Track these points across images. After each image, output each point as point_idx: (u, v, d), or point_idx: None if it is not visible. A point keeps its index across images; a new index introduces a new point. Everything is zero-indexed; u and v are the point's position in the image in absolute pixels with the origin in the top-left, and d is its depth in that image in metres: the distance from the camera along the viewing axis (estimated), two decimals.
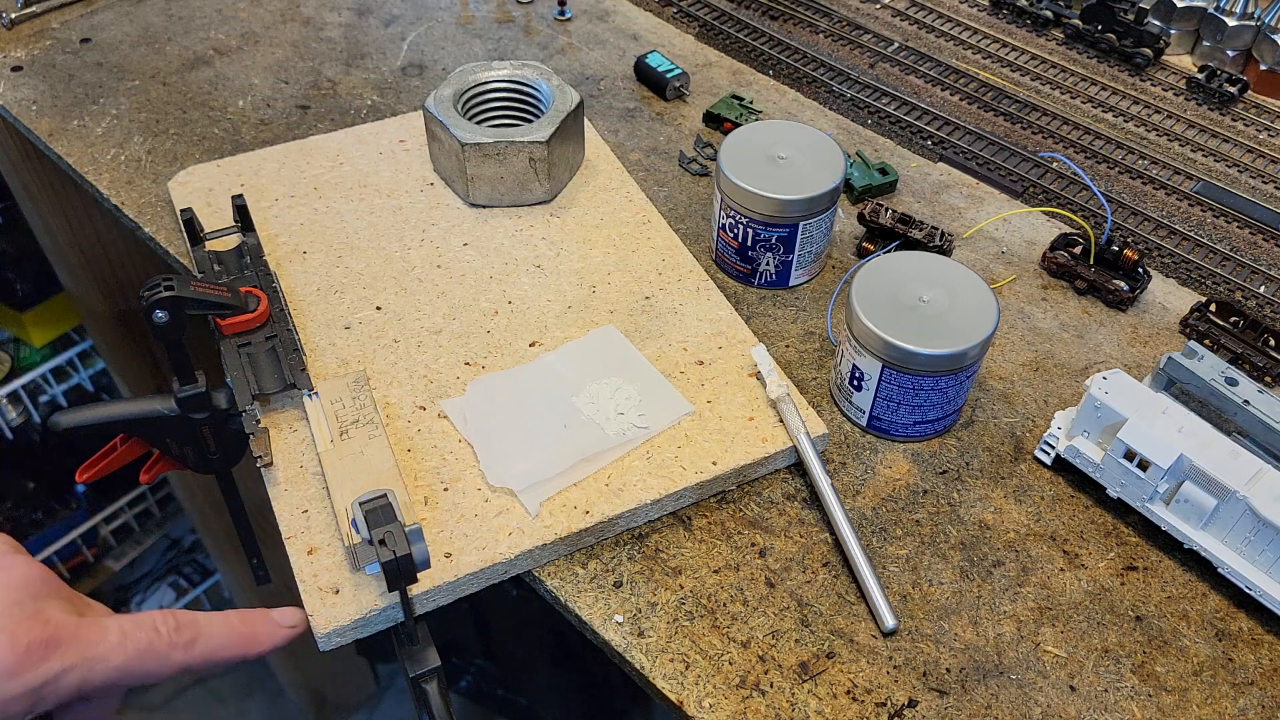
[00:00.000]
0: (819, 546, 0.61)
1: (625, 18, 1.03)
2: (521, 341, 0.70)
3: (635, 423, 0.64)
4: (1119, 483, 0.61)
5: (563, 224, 0.78)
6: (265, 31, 0.99)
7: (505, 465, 0.61)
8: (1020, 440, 0.68)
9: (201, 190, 0.79)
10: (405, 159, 0.83)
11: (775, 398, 0.64)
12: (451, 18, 1.02)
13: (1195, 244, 0.82)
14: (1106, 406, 0.61)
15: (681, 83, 0.93)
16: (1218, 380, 0.62)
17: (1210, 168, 0.89)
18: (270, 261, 0.73)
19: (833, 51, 1.01)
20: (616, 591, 0.58)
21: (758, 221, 0.72)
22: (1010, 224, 0.83)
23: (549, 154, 0.76)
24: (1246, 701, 0.56)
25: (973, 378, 0.65)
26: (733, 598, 0.58)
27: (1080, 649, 0.57)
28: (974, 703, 0.55)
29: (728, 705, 0.54)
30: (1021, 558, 0.61)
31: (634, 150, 0.88)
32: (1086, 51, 1.02)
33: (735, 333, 0.70)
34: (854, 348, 0.64)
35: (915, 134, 0.91)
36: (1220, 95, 0.95)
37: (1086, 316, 0.76)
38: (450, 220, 0.78)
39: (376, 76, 0.95)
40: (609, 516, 0.60)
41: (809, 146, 0.74)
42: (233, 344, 0.65)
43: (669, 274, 0.74)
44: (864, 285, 0.65)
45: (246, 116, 0.90)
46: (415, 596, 0.55)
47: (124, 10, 1.01)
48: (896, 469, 0.66)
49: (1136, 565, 0.61)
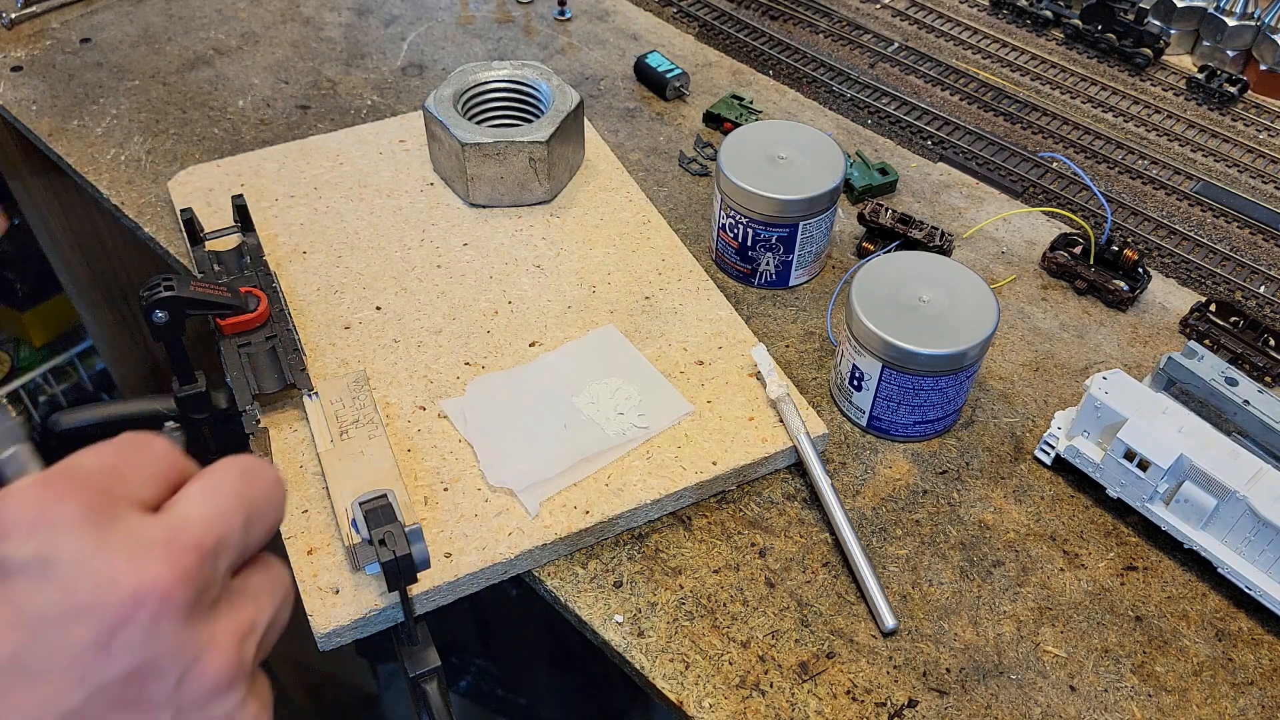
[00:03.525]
0: (819, 546, 0.61)
1: (625, 18, 1.03)
2: (521, 341, 0.70)
3: (635, 423, 0.64)
4: (1119, 483, 0.61)
5: (563, 224, 0.78)
6: (265, 31, 0.99)
7: (505, 465, 0.61)
8: (1020, 440, 0.68)
9: (201, 190, 0.79)
10: (405, 159, 0.83)
11: (775, 398, 0.64)
12: (451, 18, 1.02)
13: (1195, 244, 0.82)
14: (1106, 406, 0.61)
15: (681, 83, 0.93)
16: (1218, 380, 0.62)
17: (1210, 168, 0.89)
18: (270, 261, 0.73)
19: (833, 51, 1.01)
20: (616, 591, 0.58)
21: (758, 221, 0.72)
22: (1010, 224, 0.83)
23: (549, 154, 0.76)
24: (1246, 701, 0.56)
25: (973, 378, 0.65)
26: (733, 598, 0.58)
27: (1080, 649, 0.57)
28: (974, 703, 0.55)
29: (728, 705, 0.54)
30: (1021, 558, 0.61)
31: (634, 150, 0.88)
32: (1086, 51, 1.02)
33: (735, 333, 0.70)
34: (854, 348, 0.64)
35: (915, 134, 0.91)
36: (1220, 95, 0.95)
37: (1086, 316, 0.76)
38: (450, 220, 0.78)
39: (376, 76, 0.95)
40: (609, 516, 0.60)
41: (809, 146, 0.74)
42: (233, 344, 0.65)
43: (669, 274, 0.74)
44: (864, 285, 0.65)
45: (246, 116, 0.90)
46: (415, 596, 0.55)
47: (124, 10, 1.01)
48: (896, 469, 0.66)
49: (1136, 565, 0.61)
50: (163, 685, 0.29)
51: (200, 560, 0.30)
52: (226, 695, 0.30)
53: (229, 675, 0.30)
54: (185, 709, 0.30)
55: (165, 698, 0.29)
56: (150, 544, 0.29)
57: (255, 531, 0.33)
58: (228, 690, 0.30)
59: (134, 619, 0.28)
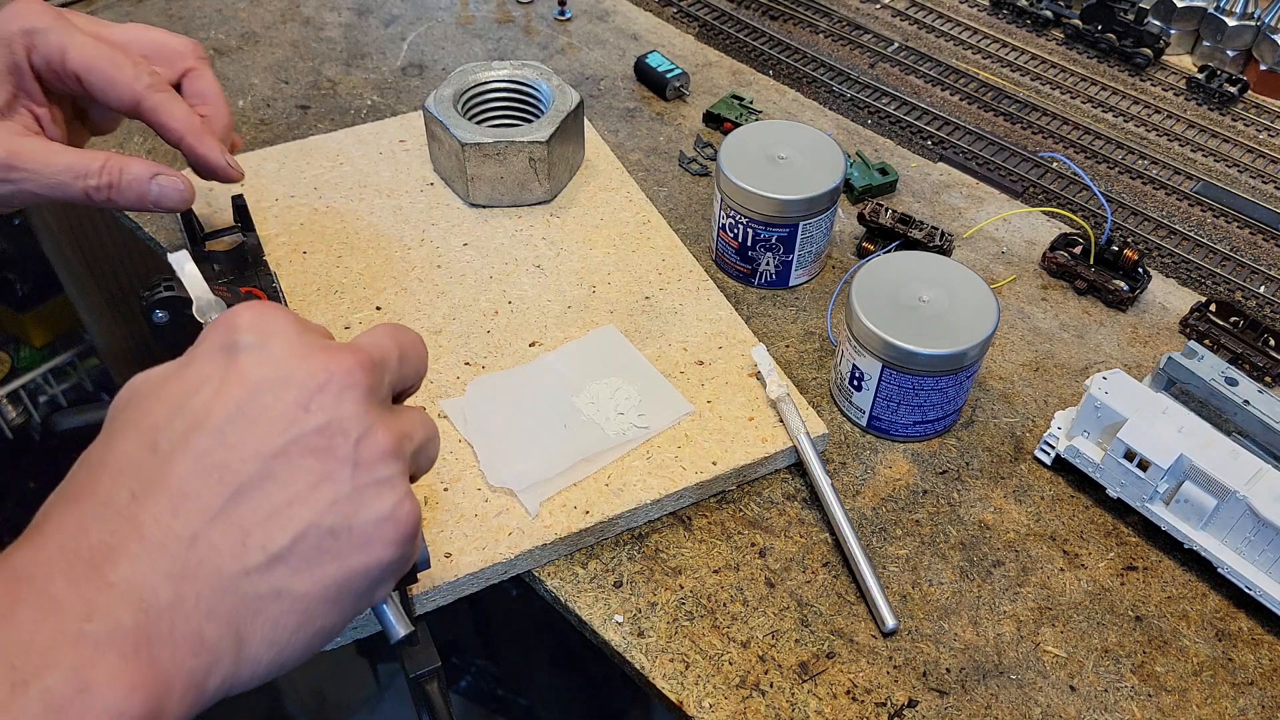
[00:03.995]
0: (819, 546, 0.61)
1: (625, 18, 1.03)
2: (521, 341, 0.70)
3: (635, 423, 0.64)
4: (1119, 483, 0.61)
5: (563, 224, 0.78)
6: (265, 31, 0.99)
7: (505, 465, 0.61)
8: (1020, 440, 0.68)
9: (201, 190, 0.79)
10: (405, 159, 0.83)
11: (775, 398, 0.64)
12: (451, 18, 1.02)
13: (1195, 244, 0.82)
14: (1106, 406, 0.61)
15: (681, 83, 0.93)
16: (1218, 380, 0.62)
17: (1210, 168, 0.89)
18: (270, 261, 0.73)
19: (833, 51, 1.01)
20: (616, 591, 0.58)
21: (758, 221, 0.72)
22: (1010, 224, 0.83)
23: (549, 154, 0.76)
24: (1246, 701, 0.56)
25: (973, 378, 0.65)
26: (733, 598, 0.58)
27: (1080, 649, 0.57)
28: (974, 703, 0.55)
29: (728, 705, 0.54)
30: (1021, 558, 0.61)
31: (634, 150, 0.88)
32: (1086, 51, 1.02)
33: (735, 333, 0.70)
34: (854, 348, 0.64)
35: (915, 134, 0.91)
36: (1220, 95, 0.95)
37: (1086, 316, 0.76)
38: (450, 220, 0.78)
39: (376, 76, 0.95)
40: (609, 516, 0.60)
41: (809, 146, 0.74)
42: None
43: (669, 274, 0.74)
44: (864, 285, 0.65)
45: (246, 116, 0.90)
46: (415, 596, 0.55)
47: (124, 10, 1.01)
48: (896, 469, 0.66)
49: (1136, 565, 0.61)
50: (345, 442, 0.38)
51: (372, 363, 0.40)
52: (391, 462, 0.39)
53: (393, 449, 0.39)
54: (360, 465, 0.38)
55: (346, 453, 0.38)
56: (337, 348, 0.40)
57: (408, 361, 0.43)
58: (393, 459, 0.39)
59: (326, 388, 0.38)
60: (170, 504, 0.36)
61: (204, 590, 0.35)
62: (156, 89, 0.58)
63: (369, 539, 0.39)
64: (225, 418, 0.37)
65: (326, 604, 0.38)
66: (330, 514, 0.38)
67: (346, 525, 0.38)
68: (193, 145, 0.59)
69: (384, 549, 0.39)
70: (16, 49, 0.56)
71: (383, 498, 0.39)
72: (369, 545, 0.39)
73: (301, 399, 0.38)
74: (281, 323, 0.40)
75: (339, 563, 0.38)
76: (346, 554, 0.38)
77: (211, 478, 0.36)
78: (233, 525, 0.36)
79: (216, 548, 0.36)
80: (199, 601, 0.35)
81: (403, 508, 0.40)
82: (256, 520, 0.36)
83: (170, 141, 0.59)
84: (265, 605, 0.37)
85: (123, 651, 0.33)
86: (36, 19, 0.56)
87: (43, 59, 0.56)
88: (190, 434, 0.37)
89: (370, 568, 0.39)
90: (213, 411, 0.37)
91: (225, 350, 0.39)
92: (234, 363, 0.38)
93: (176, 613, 0.35)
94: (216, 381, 0.38)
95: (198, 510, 0.36)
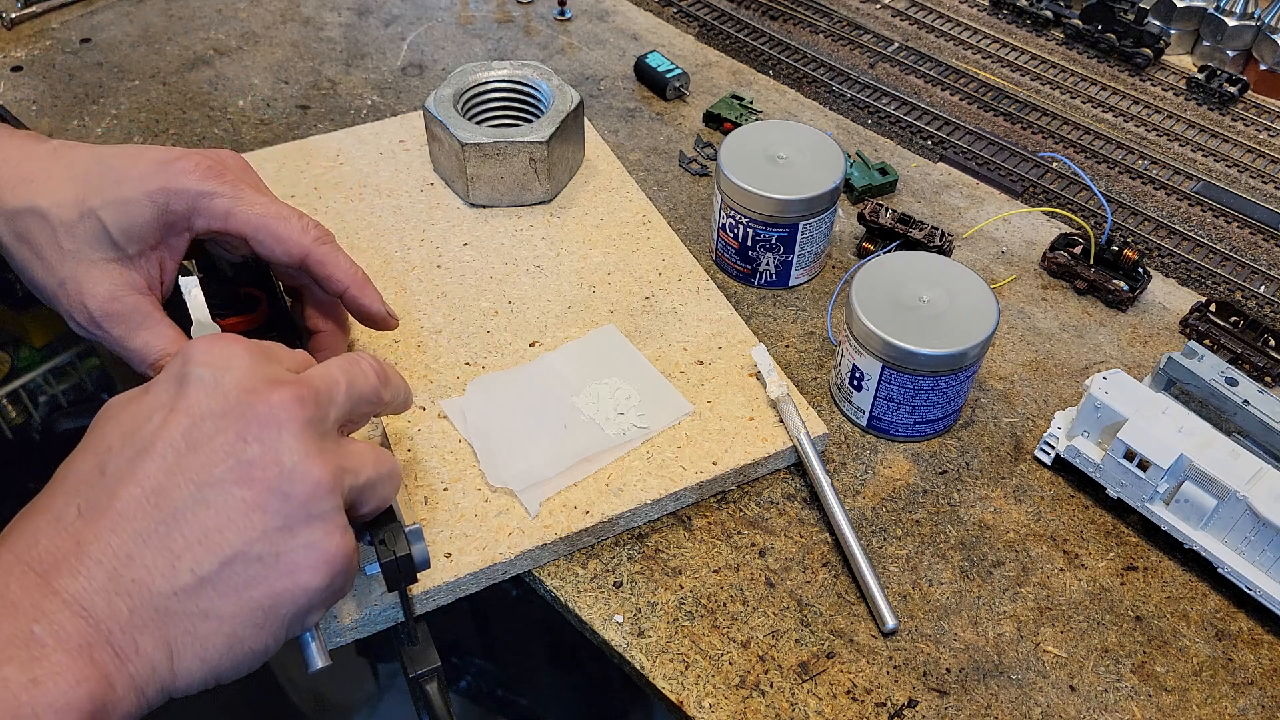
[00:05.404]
0: (819, 546, 0.61)
1: (625, 18, 1.03)
2: (521, 341, 0.70)
3: (635, 423, 0.64)
4: (1119, 483, 0.61)
5: (563, 224, 0.78)
6: (265, 31, 0.99)
7: (505, 465, 0.61)
8: (1020, 440, 0.68)
9: None
10: (405, 159, 0.83)
11: (775, 398, 0.64)
12: (451, 18, 1.02)
13: (1195, 244, 0.82)
14: (1106, 406, 0.61)
15: (681, 83, 0.93)
16: (1218, 380, 0.62)
17: (1210, 168, 0.89)
18: None
19: (833, 51, 1.01)
20: (616, 591, 0.58)
21: (758, 221, 0.72)
22: (1010, 224, 0.83)
23: (549, 154, 0.76)
24: (1246, 701, 0.56)
25: (973, 378, 0.65)
26: (733, 598, 0.58)
27: (1080, 649, 0.57)
28: (974, 703, 0.55)
29: (728, 705, 0.54)
30: (1021, 558, 0.61)
31: (634, 150, 0.88)
32: (1086, 51, 1.02)
33: (735, 333, 0.70)
34: (854, 348, 0.64)
35: (915, 134, 0.91)
36: (1220, 95, 0.95)
37: (1086, 316, 0.76)
38: (450, 220, 0.78)
39: (376, 76, 0.95)
40: (609, 516, 0.60)
41: (809, 146, 0.74)
42: None
43: (669, 274, 0.74)
44: (864, 285, 0.65)
45: (246, 116, 0.90)
46: (415, 596, 0.55)
47: (124, 10, 1.01)
48: (896, 469, 0.66)
49: (1136, 565, 0.61)
50: (278, 473, 0.40)
51: (315, 398, 0.43)
52: (326, 496, 0.41)
53: (328, 482, 0.42)
54: (290, 496, 0.40)
55: (277, 484, 0.40)
56: (283, 381, 0.42)
57: (355, 391, 0.46)
58: (328, 492, 0.41)
59: (266, 421, 0.41)
60: (111, 524, 0.39)
61: (136, 605, 0.38)
62: (323, 241, 0.57)
63: (296, 567, 0.41)
64: (169, 445, 0.40)
65: (253, 627, 0.40)
66: (259, 542, 0.40)
67: (274, 553, 0.40)
68: (356, 296, 0.59)
69: (310, 577, 0.41)
70: (176, 207, 0.55)
71: (312, 528, 0.41)
72: (295, 573, 0.41)
73: (241, 430, 0.41)
74: (236, 357, 0.43)
75: (265, 588, 0.40)
76: (273, 581, 0.40)
77: (149, 502, 0.39)
78: (165, 548, 0.39)
79: (149, 568, 0.39)
80: (132, 615, 0.38)
81: (331, 539, 0.42)
82: (187, 544, 0.39)
83: (332, 292, 0.59)
84: (194, 624, 0.39)
85: (68, 650, 0.37)
86: (201, 182, 0.55)
87: (205, 223, 0.56)
88: (136, 459, 0.40)
89: (296, 595, 0.41)
90: (159, 439, 0.40)
91: (178, 381, 0.42)
92: (183, 394, 0.42)
93: (113, 623, 0.38)
94: (166, 411, 0.41)
95: (134, 531, 0.39)
